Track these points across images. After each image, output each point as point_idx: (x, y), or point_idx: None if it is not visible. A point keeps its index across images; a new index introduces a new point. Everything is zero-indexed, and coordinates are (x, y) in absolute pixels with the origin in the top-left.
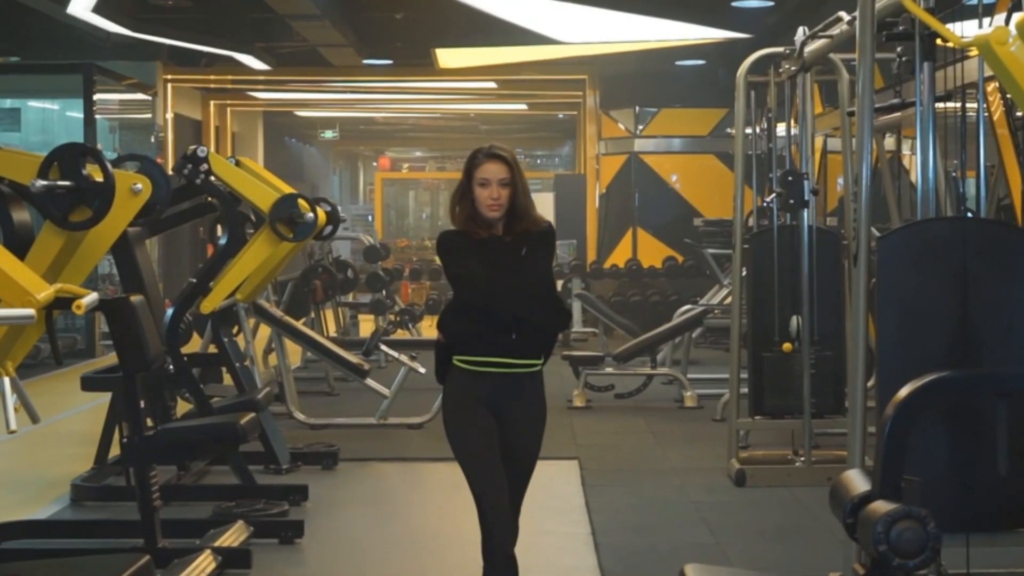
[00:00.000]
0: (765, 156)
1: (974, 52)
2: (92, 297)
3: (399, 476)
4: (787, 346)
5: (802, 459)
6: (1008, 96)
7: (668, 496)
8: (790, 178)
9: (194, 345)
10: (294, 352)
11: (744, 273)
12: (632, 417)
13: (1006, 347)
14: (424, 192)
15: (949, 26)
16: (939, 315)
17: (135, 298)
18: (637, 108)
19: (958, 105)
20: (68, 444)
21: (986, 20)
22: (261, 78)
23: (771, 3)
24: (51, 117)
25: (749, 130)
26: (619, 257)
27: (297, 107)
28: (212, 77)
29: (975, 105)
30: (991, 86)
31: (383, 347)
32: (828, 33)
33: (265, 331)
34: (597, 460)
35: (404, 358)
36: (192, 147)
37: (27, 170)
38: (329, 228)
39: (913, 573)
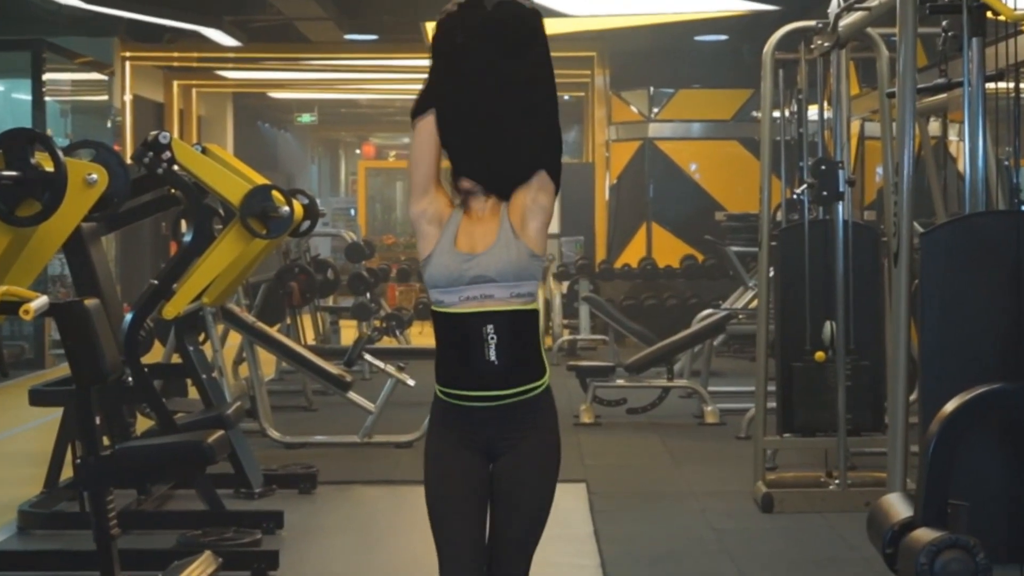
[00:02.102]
0: (795, 142)
1: None
2: (41, 301)
3: (385, 501)
4: (820, 355)
5: (836, 482)
6: None
7: (686, 523)
8: (823, 167)
9: (156, 355)
10: (268, 362)
11: (771, 273)
12: (646, 435)
13: None
14: None
15: None
16: (990, 320)
17: (90, 302)
18: (651, 89)
19: (1011, 85)
20: (14, 465)
21: None
22: (231, 56)
23: None
24: None
25: (777, 113)
26: (631, 256)
27: (271, 88)
28: (176, 55)
29: None
30: None
31: (367, 357)
32: (865, 5)
33: (235, 339)
34: (607, 483)
35: (391, 369)
36: (153, 133)
37: None
38: (307, 223)
39: None
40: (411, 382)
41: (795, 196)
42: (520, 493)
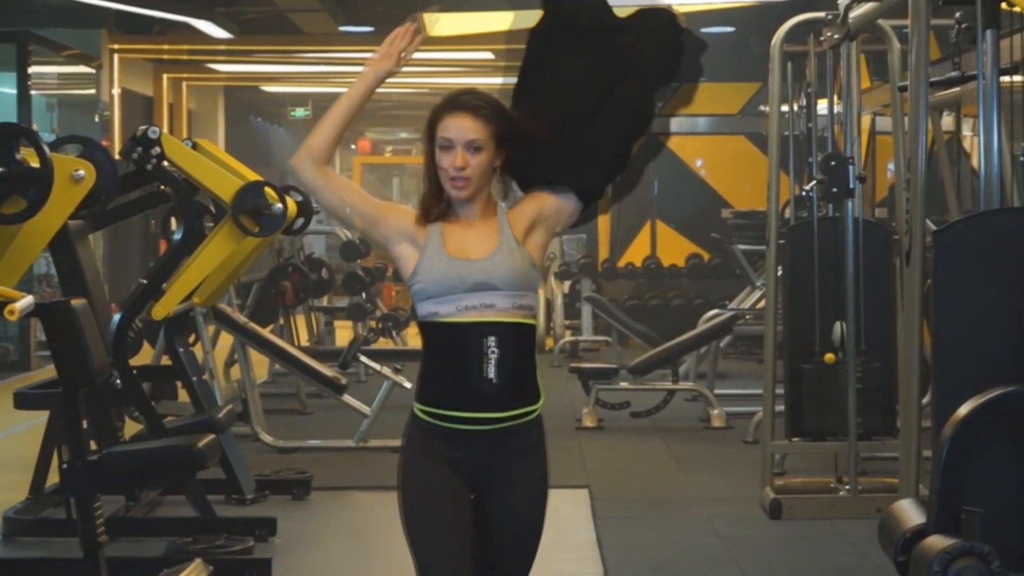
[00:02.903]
0: (804, 137)
1: None
2: (27, 301)
3: (380, 507)
4: (829, 357)
5: (847, 487)
6: None
7: (692, 530)
8: (833, 163)
9: (145, 356)
10: (260, 364)
11: (780, 273)
12: (651, 439)
13: None
14: (410, 179)
15: None
16: (1005, 320)
17: (77, 302)
18: None
19: None
20: None
21: None
22: (222, 48)
23: None
24: None
25: (785, 108)
26: (635, 255)
27: (263, 81)
28: (166, 47)
29: None
30: None
31: (363, 358)
32: None
33: (227, 340)
34: (610, 489)
35: (387, 371)
36: (142, 127)
37: None
38: (300, 221)
39: None
40: (408, 384)
41: (804, 193)
42: (514, 529)
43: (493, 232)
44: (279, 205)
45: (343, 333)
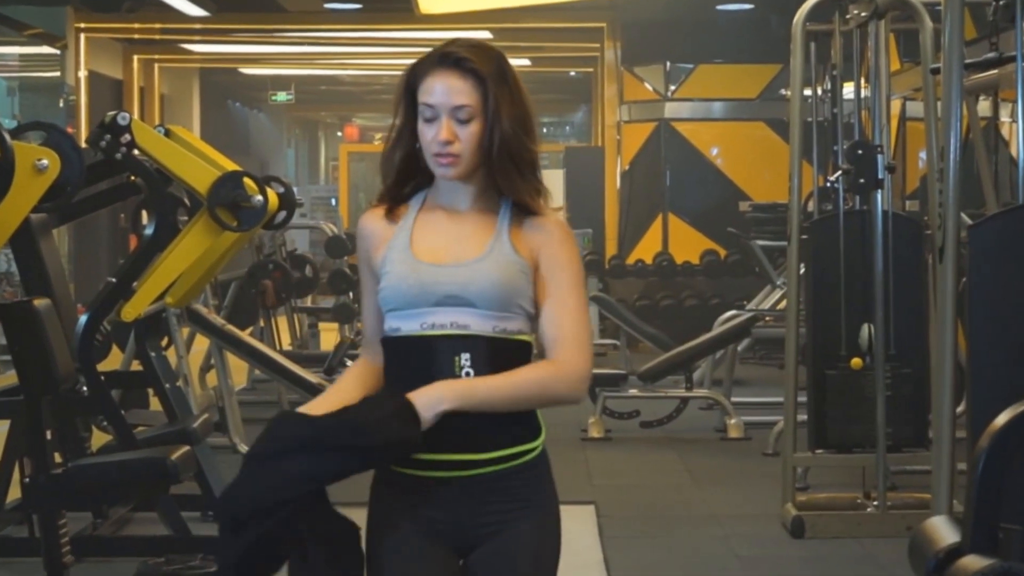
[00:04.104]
0: (828, 124)
1: None
2: None
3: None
4: (856, 362)
5: (875, 503)
6: None
7: (707, 550)
8: (860, 151)
9: (114, 361)
10: (239, 369)
11: (802, 271)
12: (662, 451)
13: None
14: None
15: None
16: None
17: (40, 302)
18: (668, 64)
19: None
20: None
21: None
22: (197, 27)
23: None
24: None
25: (808, 91)
26: (646, 251)
27: (242, 63)
28: (136, 26)
29: None
30: None
31: (349, 363)
32: None
33: (202, 343)
34: (619, 505)
35: None
36: (111, 113)
37: None
38: (282, 214)
39: None
40: None
41: (828, 184)
42: None
43: (485, 230)
44: (259, 197)
45: (328, 336)
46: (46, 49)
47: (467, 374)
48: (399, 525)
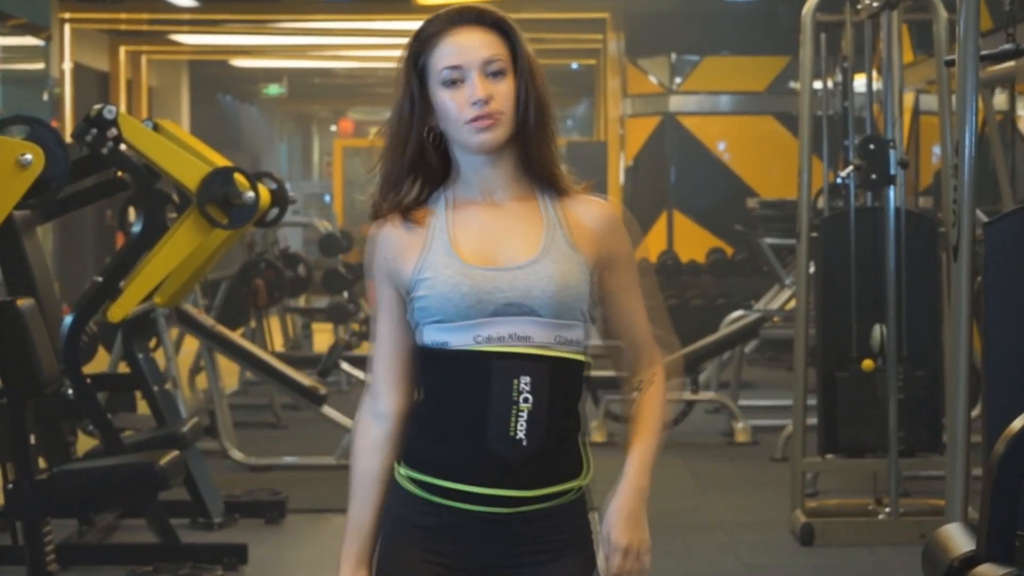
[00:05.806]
0: (839, 118)
1: None
2: None
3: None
4: (867, 363)
5: (887, 510)
6: None
7: (714, 558)
8: (871, 146)
9: (100, 363)
10: (229, 372)
11: (812, 269)
12: (667, 455)
13: None
14: None
15: None
16: None
17: (23, 302)
18: (673, 56)
19: None
20: None
21: None
22: (186, 17)
23: None
24: None
25: (818, 84)
26: (650, 249)
27: (233, 55)
28: (123, 16)
29: None
30: None
31: (344, 365)
32: None
33: (192, 345)
34: None
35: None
36: (97, 107)
37: None
38: (275, 211)
39: None
40: None
41: (839, 180)
42: None
43: (532, 221)
44: (250, 194)
45: (322, 337)
46: (29, 40)
47: (525, 400)
48: (420, 555)
